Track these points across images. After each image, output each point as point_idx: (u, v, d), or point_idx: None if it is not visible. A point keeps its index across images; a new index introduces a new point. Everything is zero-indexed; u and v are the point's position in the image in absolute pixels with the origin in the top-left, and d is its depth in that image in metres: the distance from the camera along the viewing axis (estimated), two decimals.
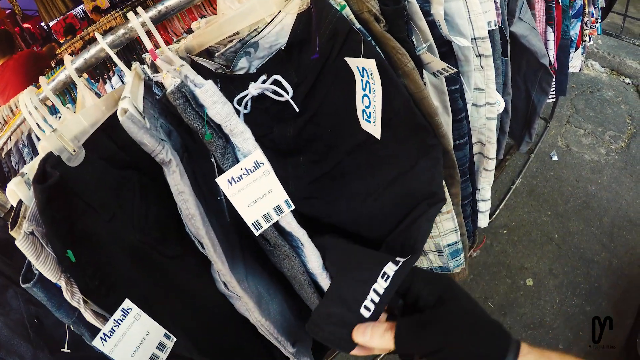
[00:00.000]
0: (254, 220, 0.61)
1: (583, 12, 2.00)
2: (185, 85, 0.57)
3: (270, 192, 0.61)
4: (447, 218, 0.84)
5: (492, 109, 0.96)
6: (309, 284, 0.71)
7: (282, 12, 0.73)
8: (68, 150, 0.55)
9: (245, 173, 0.59)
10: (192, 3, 0.82)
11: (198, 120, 0.58)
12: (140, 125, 0.54)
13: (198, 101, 0.57)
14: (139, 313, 0.53)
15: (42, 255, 0.50)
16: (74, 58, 0.78)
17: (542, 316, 1.88)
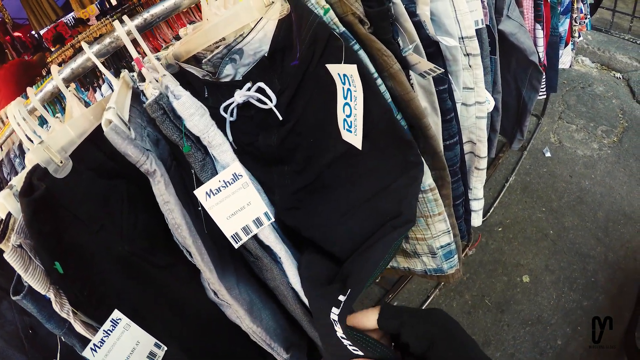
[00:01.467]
0: (233, 233, 0.61)
1: (572, 9, 2.01)
2: (164, 96, 0.57)
3: (249, 204, 0.60)
4: (439, 220, 0.84)
5: (481, 107, 0.97)
6: (292, 296, 0.70)
7: (263, 18, 0.73)
8: (55, 161, 0.55)
9: (223, 185, 0.59)
10: (177, 10, 0.81)
11: (176, 132, 0.58)
12: (124, 136, 0.54)
13: (176, 113, 0.57)
14: (129, 323, 0.53)
15: (31, 267, 0.50)
16: (61, 68, 0.78)
17: (539, 312, 1.88)
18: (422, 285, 2.05)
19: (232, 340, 0.71)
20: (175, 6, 0.80)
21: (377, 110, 0.66)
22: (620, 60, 3.25)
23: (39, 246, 0.49)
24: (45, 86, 0.79)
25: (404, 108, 0.72)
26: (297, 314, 0.72)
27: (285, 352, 0.73)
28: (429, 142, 0.75)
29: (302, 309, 0.72)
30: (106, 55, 0.78)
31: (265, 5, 0.72)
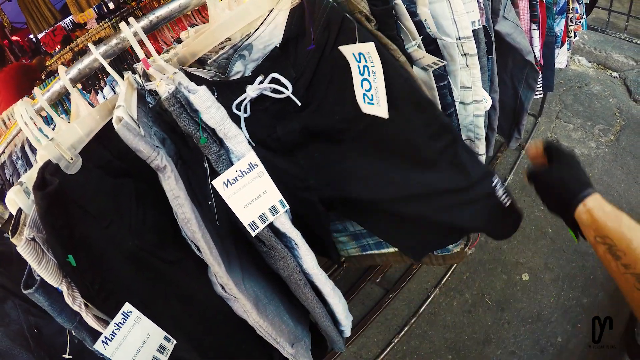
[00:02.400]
0: (250, 221, 0.63)
1: (567, 9, 2.03)
2: (180, 91, 0.58)
3: (265, 192, 0.62)
4: None
5: (479, 106, 0.98)
6: (305, 284, 0.72)
7: (274, 9, 0.74)
8: (65, 158, 0.56)
9: (240, 175, 0.61)
10: (183, 12, 0.83)
11: (193, 125, 0.59)
12: (135, 133, 0.55)
13: (192, 106, 0.59)
14: (139, 316, 0.54)
15: (44, 260, 0.51)
16: (68, 69, 0.79)
17: (539, 310, 1.89)
18: (423, 284, 2.07)
19: (239, 335, 0.72)
20: (180, 8, 0.82)
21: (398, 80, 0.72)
22: (616, 60, 3.27)
23: (52, 239, 0.50)
24: (53, 86, 0.80)
25: None
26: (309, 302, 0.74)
27: (291, 347, 0.74)
28: None
29: (314, 297, 0.74)
30: (113, 57, 0.79)
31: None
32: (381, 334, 1.94)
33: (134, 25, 0.76)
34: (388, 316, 1.97)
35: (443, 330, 1.91)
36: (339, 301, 0.84)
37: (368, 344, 1.92)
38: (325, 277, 0.76)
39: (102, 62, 0.76)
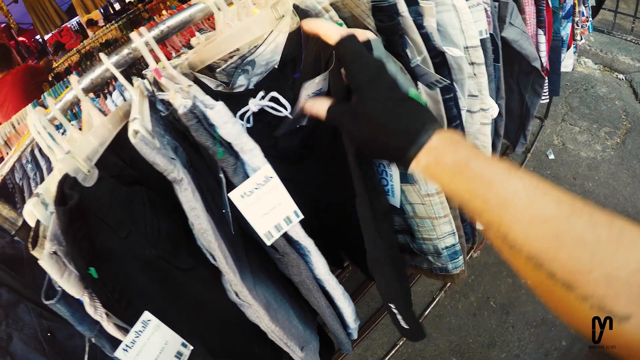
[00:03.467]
0: (266, 231, 0.64)
1: (573, 12, 2.03)
2: (197, 106, 0.59)
3: (280, 204, 0.64)
4: (444, 222, 0.87)
5: (486, 114, 0.99)
6: (317, 289, 0.74)
7: (274, 30, 0.76)
8: (83, 171, 0.58)
9: (256, 187, 0.62)
10: (192, 22, 0.84)
11: (210, 139, 0.61)
12: (152, 147, 0.57)
13: (209, 121, 0.60)
14: (158, 324, 0.55)
15: (65, 273, 0.52)
16: (80, 78, 0.80)
17: (544, 314, 1.89)
18: (428, 287, 2.07)
19: (251, 339, 0.74)
20: (190, 18, 0.83)
21: None
22: (622, 62, 3.26)
23: (74, 252, 0.52)
24: (65, 95, 0.81)
25: None
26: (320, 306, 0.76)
27: (300, 351, 0.75)
28: None
29: (325, 301, 0.75)
30: (124, 66, 0.80)
31: (276, 19, 0.75)
32: (386, 336, 1.95)
33: (145, 35, 0.77)
34: None
35: (448, 333, 1.92)
36: (348, 305, 0.86)
37: (373, 346, 1.93)
38: (336, 282, 0.78)
39: (115, 73, 0.77)
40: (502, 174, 0.44)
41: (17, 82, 2.82)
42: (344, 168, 0.81)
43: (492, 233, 0.44)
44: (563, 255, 0.38)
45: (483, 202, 0.44)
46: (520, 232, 0.41)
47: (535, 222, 0.40)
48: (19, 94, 2.76)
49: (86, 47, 2.86)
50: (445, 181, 0.47)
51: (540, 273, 0.40)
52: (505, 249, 0.42)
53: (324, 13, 0.71)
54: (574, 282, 0.38)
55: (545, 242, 0.39)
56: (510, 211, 0.42)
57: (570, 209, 0.40)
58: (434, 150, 0.48)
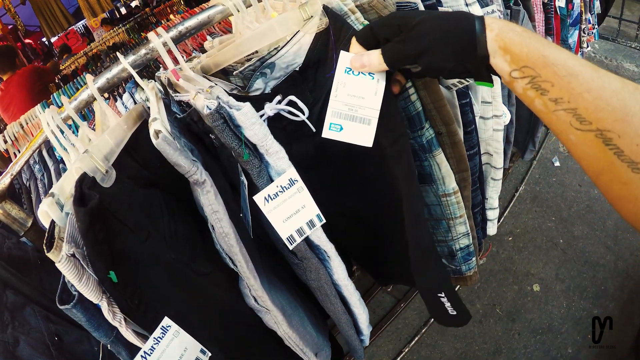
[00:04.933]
0: (289, 235, 0.64)
1: (580, 20, 2.03)
2: (222, 107, 0.59)
3: (304, 207, 0.63)
4: (460, 222, 0.87)
5: (498, 121, 0.99)
6: (334, 295, 0.73)
7: (300, 31, 0.75)
8: (101, 170, 0.57)
9: (280, 190, 0.62)
10: (210, 24, 0.83)
11: (236, 140, 0.60)
12: (174, 147, 0.56)
13: (235, 122, 0.59)
14: (178, 330, 0.54)
15: (84, 277, 0.51)
16: (96, 77, 0.80)
17: (550, 321, 1.88)
18: None
19: (267, 345, 0.73)
20: (209, 19, 0.82)
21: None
22: (627, 69, 3.27)
23: (94, 255, 0.51)
24: (80, 94, 0.81)
25: (434, 116, 0.76)
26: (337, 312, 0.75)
27: (315, 356, 0.74)
28: (456, 147, 0.81)
29: (342, 307, 0.75)
30: (141, 67, 0.80)
31: (304, 19, 0.74)
32: (392, 343, 1.93)
33: (163, 36, 0.77)
34: (399, 325, 1.97)
35: (454, 340, 1.90)
36: (363, 311, 0.85)
37: (379, 353, 1.92)
38: (354, 288, 0.77)
39: (132, 73, 0.76)
40: (565, 51, 0.44)
41: (23, 83, 2.82)
42: (360, 174, 0.80)
43: (562, 113, 0.43)
44: (631, 131, 0.38)
45: (554, 73, 0.43)
46: (590, 103, 0.41)
47: (603, 93, 0.40)
48: (26, 95, 2.76)
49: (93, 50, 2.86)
50: (519, 48, 0.46)
51: (607, 152, 0.40)
52: (573, 130, 0.42)
53: (350, 15, 0.70)
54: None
55: (613, 114, 0.39)
56: (580, 81, 0.42)
57: (634, 86, 0.40)
58: (496, 20, 0.48)
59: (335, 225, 0.93)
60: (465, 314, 0.86)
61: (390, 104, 0.67)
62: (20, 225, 1.00)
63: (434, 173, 0.82)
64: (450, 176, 0.81)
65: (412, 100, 0.75)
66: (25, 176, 1.41)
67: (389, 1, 0.73)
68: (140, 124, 0.75)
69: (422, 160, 0.81)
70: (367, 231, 0.94)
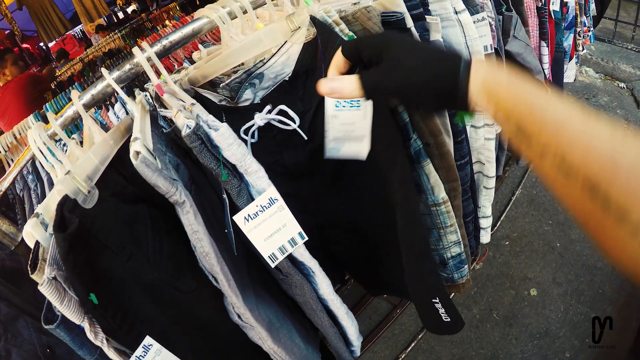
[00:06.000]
0: (270, 253, 0.63)
1: (575, 23, 2.03)
2: (200, 127, 0.59)
3: (285, 226, 0.63)
4: (451, 231, 0.87)
5: (490, 129, 0.98)
6: (321, 309, 0.73)
7: (288, 41, 0.75)
8: (82, 192, 0.56)
9: (260, 210, 0.61)
10: (196, 37, 0.83)
11: (214, 161, 0.60)
12: (153, 168, 0.56)
13: (213, 142, 0.59)
14: (159, 349, 0.54)
15: (66, 299, 0.51)
16: (82, 94, 0.80)
17: (547, 325, 1.88)
18: None
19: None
20: (193, 33, 0.82)
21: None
22: (623, 70, 3.26)
23: (74, 278, 0.51)
24: (66, 111, 0.80)
25: (421, 127, 0.76)
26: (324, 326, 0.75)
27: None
28: (445, 158, 0.81)
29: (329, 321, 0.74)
30: (126, 82, 0.79)
31: (291, 30, 0.74)
32: (388, 349, 1.93)
33: (147, 51, 0.76)
34: (395, 331, 1.96)
35: (450, 345, 1.89)
36: (351, 324, 0.85)
37: (375, 358, 1.91)
38: (340, 302, 0.77)
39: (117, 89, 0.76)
40: (553, 97, 0.43)
41: (19, 90, 2.82)
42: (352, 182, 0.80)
43: (548, 160, 0.42)
44: (619, 181, 0.37)
45: (541, 122, 0.42)
46: (578, 154, 0.39)
47: (592, 143, 0.39)
48: (21, 102, 2.76)
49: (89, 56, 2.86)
50: (504, 98, 0.45)
51: (594, 202, 0.39)
52: (560, 178, 0.41)
53: (334, 26, 0.70)
54: (627, 212, 0.36)
55: (601, 164, 0.38)
56: (568, 130, 0.40)
57: (624, 134, 0.38)
58: (483, 65, 0.47)
59: (327, 234, 0.93)
60: (459, 320, 0.86)
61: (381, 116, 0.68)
62: (11, 239, 1.00)
63: (423, 183, 0.82)
64: (440, 186, 0.81)
65: (399, 111, 0.75)
66: (18, 186, 1.41)
67: (373, 12, 0.73)
68: (128, 137, 0.75)
69: (411, 171, 0.81)
70: (360, 240, 0.94)
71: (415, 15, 0.81)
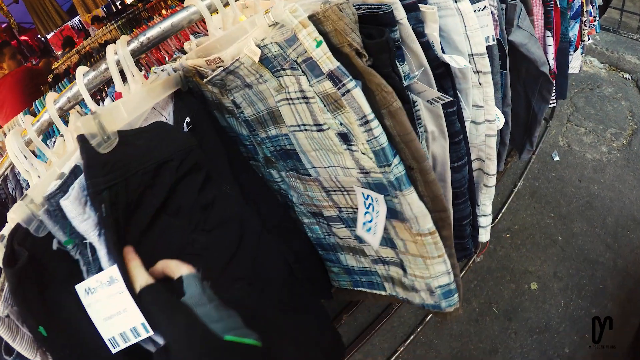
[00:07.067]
0: (110, 337, 0.56)
1: (581, 12, 1.98)
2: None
3: (125, 311, 0.55)
4: (438, 262, 0.81)
5: (491, 126, 0.95)
6: None
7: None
8: (37, 218, 0.54)
9: (99, 286, 0.55)
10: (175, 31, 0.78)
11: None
12: (54, 222, 0.53)
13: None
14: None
15: (18, 336, 0.50)
16: (57, 97, 0.75)
17: (547, 320, 1.87)
18: None
19: None
20: (172, 28, 0.78)
21: None
22: (629, 61, 3.20)
23: (24, 312, 0.49)
24: (42, 116, 0.76)
25: (402, 150, 0.70)
26: None
27: None
28: (429, 186, 0.74)
29: None
30: (102, 83, 0.75)
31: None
32: (387, 342, 1.92)
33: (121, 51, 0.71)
34: (394, 324, 1.96)
35: (449, 339, 1.89)
36: None
37: (374, 351, 1.91)
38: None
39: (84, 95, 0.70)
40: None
41: (16, 83, 2.80)
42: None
43: None
44: None
45: None
46: None
47: None
48: (18, 95, 2.74)
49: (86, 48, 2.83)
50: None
51: None
52: None
53: (301, 29, 0.63)
54: None
55: None
56: None
57: None
58: None
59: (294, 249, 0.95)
60: None
61: None
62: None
63: (405, 212, 0.75)
64: (425, 216, 0.75)
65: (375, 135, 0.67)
66: (11, 185, 1.39)
67: (347, 10, 0.66)
68: None
69: (392, 197, 0.75)
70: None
71: (407, 6, 0.76)
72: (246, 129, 0.89)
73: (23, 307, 0.50)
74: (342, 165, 0.77)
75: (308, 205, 0.96)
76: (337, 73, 0.63)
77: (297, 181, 0.92)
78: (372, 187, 0.76)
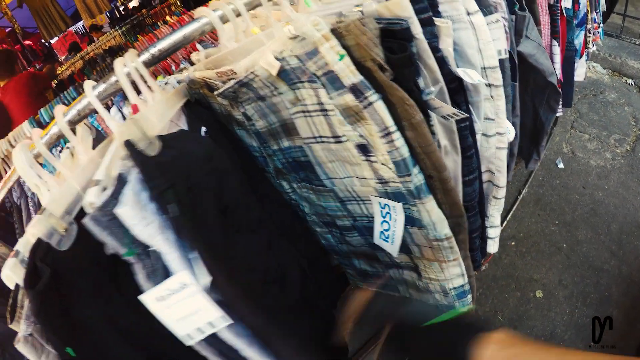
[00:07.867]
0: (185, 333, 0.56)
1: (586, 20, 1.98)
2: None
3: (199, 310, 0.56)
4: (453, 265, 0.82)
5: (502, 138, 0.94)
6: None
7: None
8: (58, 231, 0.52)
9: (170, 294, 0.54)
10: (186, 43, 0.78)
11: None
12: (103, 226, 0.51)
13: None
14: None
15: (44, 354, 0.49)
16: (67, 110, 0.73)
17: (552, 328, 1.86)
18: None
19: None
20: (184, 40, 0.77)
21: None
22: (631, 66, 3.20)
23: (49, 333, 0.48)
24: (51, 129, 0.74)
25: (423, 160, 0.71)
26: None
27: None
28: (449, 195, 0.75)
29: None
30: (113, 95, 0.75)
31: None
32: None
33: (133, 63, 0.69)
34: None
35: None
36: None
37: None
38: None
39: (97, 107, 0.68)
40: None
41: (20, 89, 2.79)
42: None
43: None
44: None
45: None
46: None
47: None
48: (22, 101, 2.73)
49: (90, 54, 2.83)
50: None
51: None
52: None
53: (324, 42, 0.63)
54: None
55: None
56: None
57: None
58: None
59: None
60: None
61: None
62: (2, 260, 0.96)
63: (423, 219, 0.76)
64: (442, 222, 0.75)
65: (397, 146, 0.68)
66: (16, 194, 1.39)
67: (369, 25, 0.65)
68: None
69: (410, 205, 0.75)
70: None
71: (422, 20, 0.75)
72: (257, 140, 0.89)
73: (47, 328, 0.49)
74: (359, 175, 0.78)
75: (321, 215, 0.97)
76: (360, 86, 0.64)
77: (310, 192, 0.92)
78: (389, 196, 0.76)
